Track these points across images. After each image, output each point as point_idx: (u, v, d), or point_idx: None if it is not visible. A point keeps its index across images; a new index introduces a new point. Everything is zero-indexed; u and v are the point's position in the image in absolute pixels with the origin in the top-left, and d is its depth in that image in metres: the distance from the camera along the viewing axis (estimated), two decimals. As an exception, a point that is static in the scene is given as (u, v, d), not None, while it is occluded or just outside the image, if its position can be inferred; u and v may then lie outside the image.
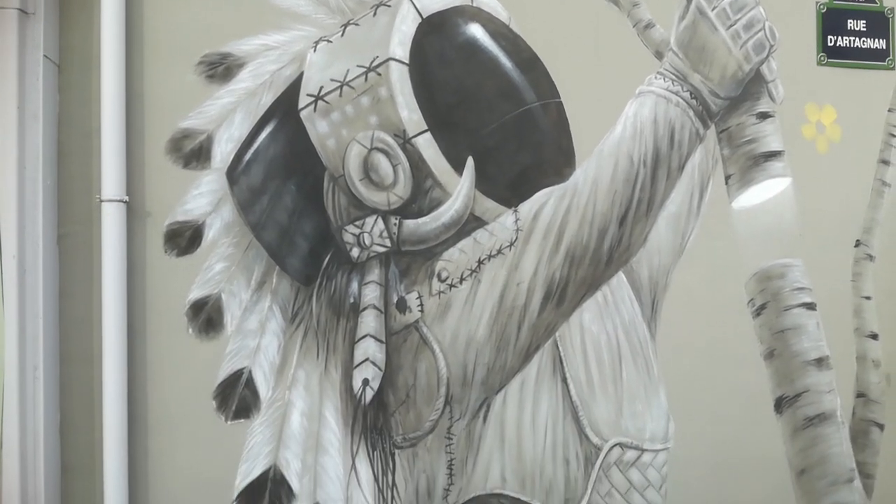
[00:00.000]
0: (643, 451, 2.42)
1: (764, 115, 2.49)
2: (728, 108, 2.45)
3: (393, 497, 2.33)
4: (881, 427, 2.56)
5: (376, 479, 2.32)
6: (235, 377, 2.26)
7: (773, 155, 2.49)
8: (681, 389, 2.43)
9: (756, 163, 2.48)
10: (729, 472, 2.46)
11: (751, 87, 2.45)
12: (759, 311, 2.49)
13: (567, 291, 2.38)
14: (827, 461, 2.48)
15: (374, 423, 2.34)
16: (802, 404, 2.48)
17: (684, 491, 2.42)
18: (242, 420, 2.26)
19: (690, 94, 2.37)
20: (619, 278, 2.43)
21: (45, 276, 2.17)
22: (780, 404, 2.48)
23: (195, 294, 2.26)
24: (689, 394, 2.44)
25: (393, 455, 2.34)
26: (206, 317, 2.26)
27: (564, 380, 2.40)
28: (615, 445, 2.41)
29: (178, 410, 2.23)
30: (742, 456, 2.46)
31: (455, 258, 2.34)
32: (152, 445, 2.23)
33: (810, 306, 2.50)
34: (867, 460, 2.53)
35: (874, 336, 2.58)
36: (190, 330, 2.25)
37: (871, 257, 2.60)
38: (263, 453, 2.26)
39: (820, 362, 2.49)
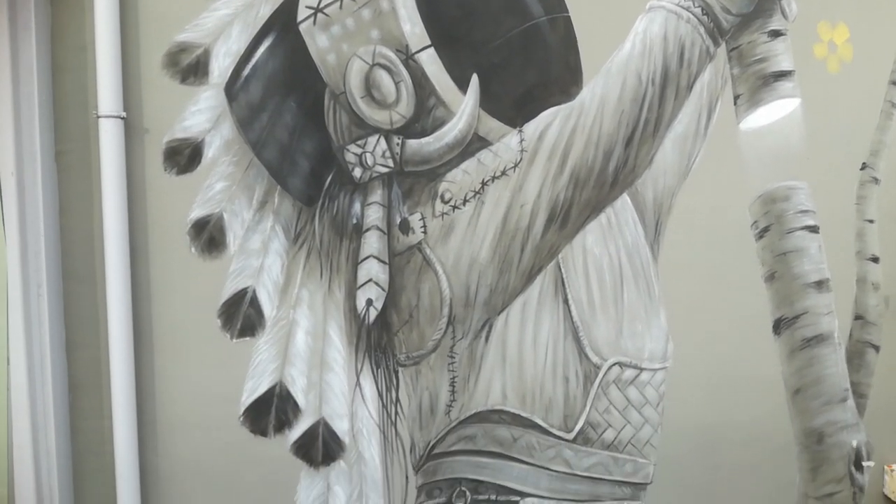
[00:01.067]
0: (642, 370, 2.46)
1: (776, 34, 2.42)
2: (739, 26, 2.38)
3: (397, 412, 2.37)
4: (877, 349, 2.60)
5: (380, 396, 2.36)
6: (240, 296, 2.27)
7: (783, 75, 2.44)
8: (681, 310, 2.45)
9: (766, 83, 2.43)
10: (725, 391, 2.51)
11: (763, 3, 2.38)
12: (761, 234, 2.49)
13: (571, 213, 2.37)
14: (822, 381, 2.53)
15: (377, 342, 2.36)
16: (801, 326, 2.51)
17: (681, 408, 2.47)
18: (247, 338, 2.28)
19: (702, 10, 2.30)
20: (624, 200, 2.42)
21: (45, 193, 2.15)
22: (779, 326, 2.51)
23: (196, 213, 2.25)
24: (689, 315, 2.46)
25: (396, 373, 2.38)
26: (209, 236, 2.25)
27: (566, 301, 2.41)
28: (614, 364, 2.45)
29: (183, 328, 2.25)
30: (739, 376, 2.51)
31: (458, 179, 2.32)
32: (158, 363, 2.25)
33: (813, 229, 2.50)
34: (861, 381, 2.58)
35: (875, 259, 2.59)
36: (192, 249, 2.24)
37: (876, 180, 2.58)
38: (269, 370, 2.30)
39: (820, 285, 2.51)
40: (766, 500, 2.56)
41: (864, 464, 2.61)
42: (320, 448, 2.32)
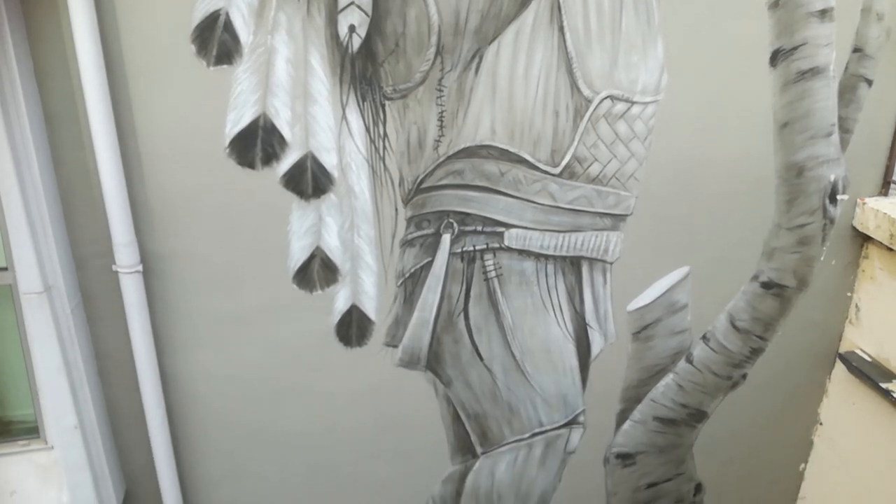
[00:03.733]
0: (633, 103, 2.42)
1: None
2: None
3: (384, 147, 2.35)
4: (869, 83, 2.56)
5: (367, 130, 2.32)
6: (212, 19, 2.11)
7: None
8: (679, 40, 2.35)
9: None
10: (714, 124, 2.50)
11: None
12: (772, -45, 2.31)
13: (571, -73, 2.16)
14: (811, 115, 2.52)
15: (362, 72, 2.27)
16: (798, 57, 2.44)
17: (668, 141, 2.48)
18: (225, 66, 2.15)
19: None
20: (630, -88, 2.20)
21: None
22: (776, 57, 2.43)
23: (154, -79, 2.01)
24: (687, 45, 2.37)
25: (383, 106, 2.31)
26: (171, -52, 2.03)
27: (561, 29, 2.29)
28: (606, 98, 2.40)
29: (156, 55, 2.11)
30: (729, 109, 2.48)
31: None
32: (134, 92, 2.15)
33: (827, -51, 2.33)
34: (849, 116, 2.57)
35: (885, -13, 2.45)
36: (155, -36, 2.04)
37: None
38: (251, 101, 2.21)
39: (823, 14, 2.40)
40: (740, 230, 2.67)
41: (839, 197, 2.70)
42: (310, 181, 2.32)
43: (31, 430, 2.48)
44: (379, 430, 2.69)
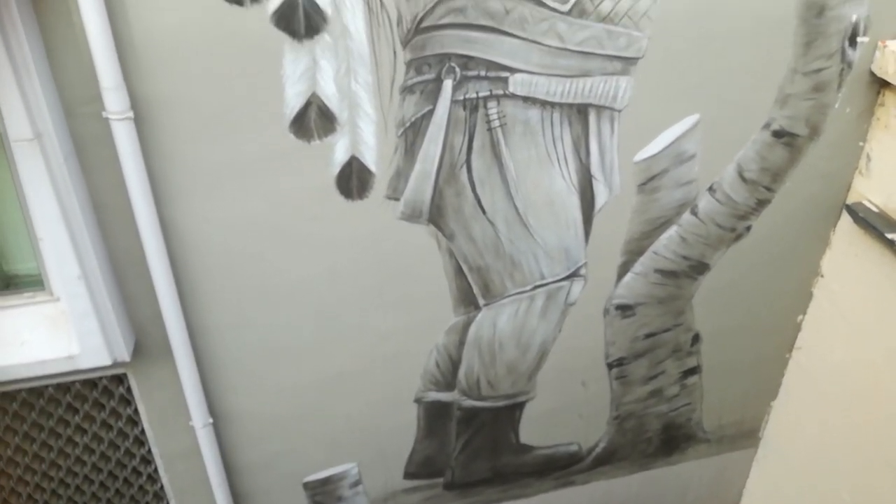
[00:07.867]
0: (648, -68, 2.26)
1: None
2: None
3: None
4: None
5: (363, -39, 2.17)
6: None
7: None
8: None
9: None
10: (734, -43, 2.34)
11: None
12: None
13: None
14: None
15: None
16: None
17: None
18: None
19: None
20: None
21: None
22: None
23: None
24: None
25: (379, -65, 2.15)
26: None
27: None
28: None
29: None
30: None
31: None
32: (110, -82, 1.99)
33: None
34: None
35: None
36: None
37: None
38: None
39: None
40: (753, 75, 2.57)
41: (859, 39, 2.57)
42: (302, 19, 2.19)
43: (36, 283, 2.50)
44: (383, 281, 2.71)
